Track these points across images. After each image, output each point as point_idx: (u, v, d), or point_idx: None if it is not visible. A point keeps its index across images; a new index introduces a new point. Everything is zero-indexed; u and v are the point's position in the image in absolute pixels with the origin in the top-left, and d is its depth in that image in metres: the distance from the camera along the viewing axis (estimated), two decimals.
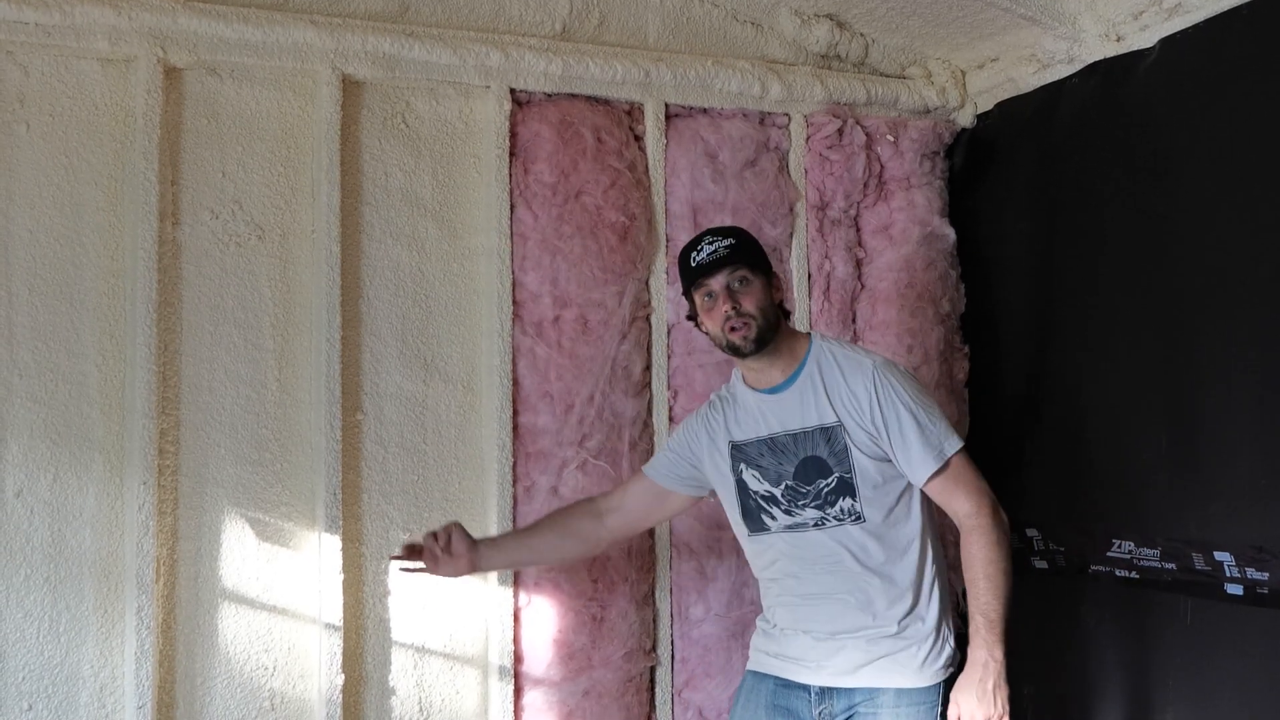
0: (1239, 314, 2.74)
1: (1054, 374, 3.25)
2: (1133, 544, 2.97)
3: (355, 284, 3.00)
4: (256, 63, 2.91)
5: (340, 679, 2.87)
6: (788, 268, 3.39)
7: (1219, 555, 2.74)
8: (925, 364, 3.42)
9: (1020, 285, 3.39)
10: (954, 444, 2.42)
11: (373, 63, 2.99)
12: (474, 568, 2.72)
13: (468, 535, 2.70)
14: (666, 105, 3.29)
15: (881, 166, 3.49)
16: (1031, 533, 3.27)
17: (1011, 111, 3.47)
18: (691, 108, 3.34)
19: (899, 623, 2.44)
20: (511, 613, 3.05)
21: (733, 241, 2.47)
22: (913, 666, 2.44)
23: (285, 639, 2.89)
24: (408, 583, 2.99)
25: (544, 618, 3.06)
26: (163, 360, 2.80)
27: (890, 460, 2.44)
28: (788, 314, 2.61)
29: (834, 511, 2.45)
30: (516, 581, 3.06)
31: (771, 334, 2.46)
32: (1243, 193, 2.74)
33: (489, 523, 3.05)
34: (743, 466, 2.55)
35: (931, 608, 2.47)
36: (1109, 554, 3.02)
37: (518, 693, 3.05)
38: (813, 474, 2.46)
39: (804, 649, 2.50)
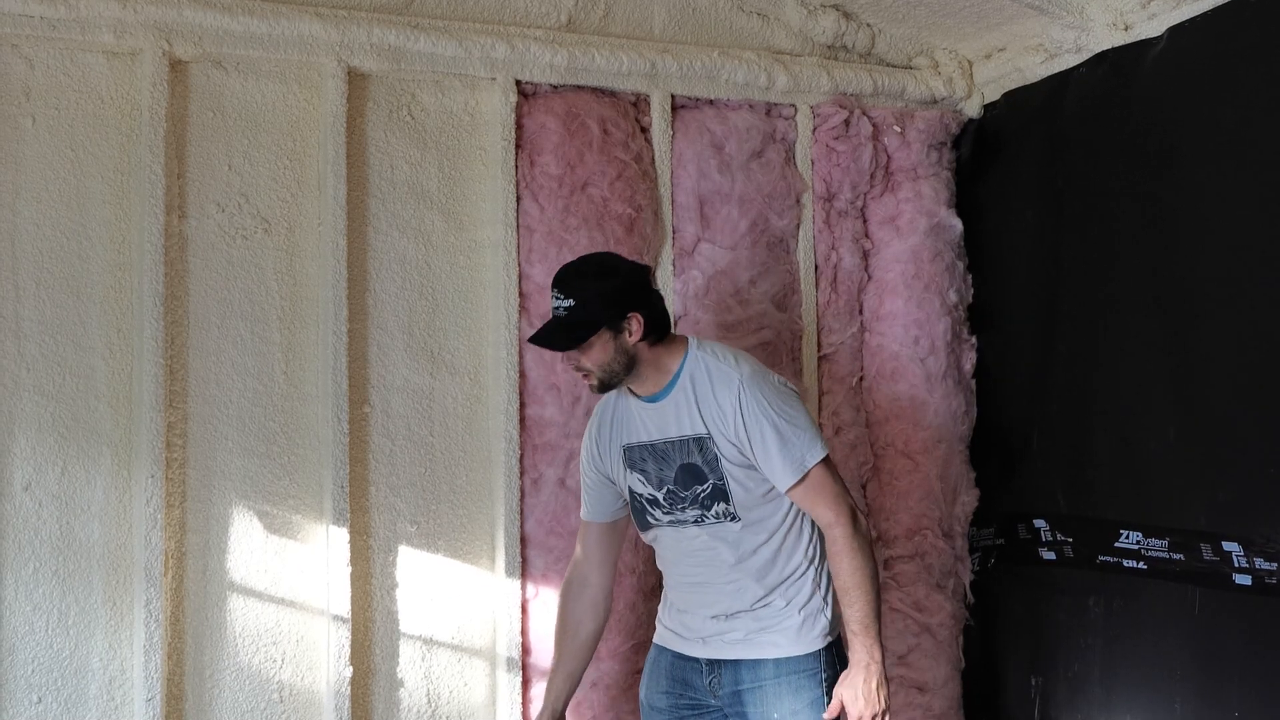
0: (1246, 304, 2.74)
1: (1061, 365, 3.25)
2: (1141, 534, 2.96)
3: (362, 277, 3.00)
4: (262, 55, 2.90)
5: (348, 671, 2.88)
6: (795, 259, 3.39)
7: (1227, 545, 2.73)
8: (932, 355, 3.42)
9: (1027, 276, 3.38)
10: (815, 455, 2.49)
11: (378, 55, 2.99)
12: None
13: None
14: (672, 96, 3.28)
15: (888, 157, 3.48)
16: (1039, 523, 3.27)
17: (1019, 101, 3.46)
18: (698, 99, 3.33)
19: (773, 601, 2.55)
20: (519, 604, 3.05)
21: (569, 307, 2.48)
22: (790, 636, 2.55)
23: (293, 631, 2.90)
24: (415, 575, 3.00)
25: (551, 609, 3.05)
26: (170, 354, 2.80)
27: (756, 469, 2.52)
28: (657, 337, 2.54)
29: (711, 513, 2.57)
30: (524, 573, 3.07)
31: (620, 376, 2.54)
32: (1251, 182, 2.74)
33: (496, 515, 3.06)
34: (628, 470, 2.65)
35: (805, 584, 2.57)
36: (1117, 544, 3.02)
37: (525, 684, 3.06)
38: (690, 480, 2.56)
39: (693, 625, 2.64)
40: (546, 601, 3.07)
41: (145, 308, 2.76)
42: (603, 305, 2.50)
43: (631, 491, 2.66)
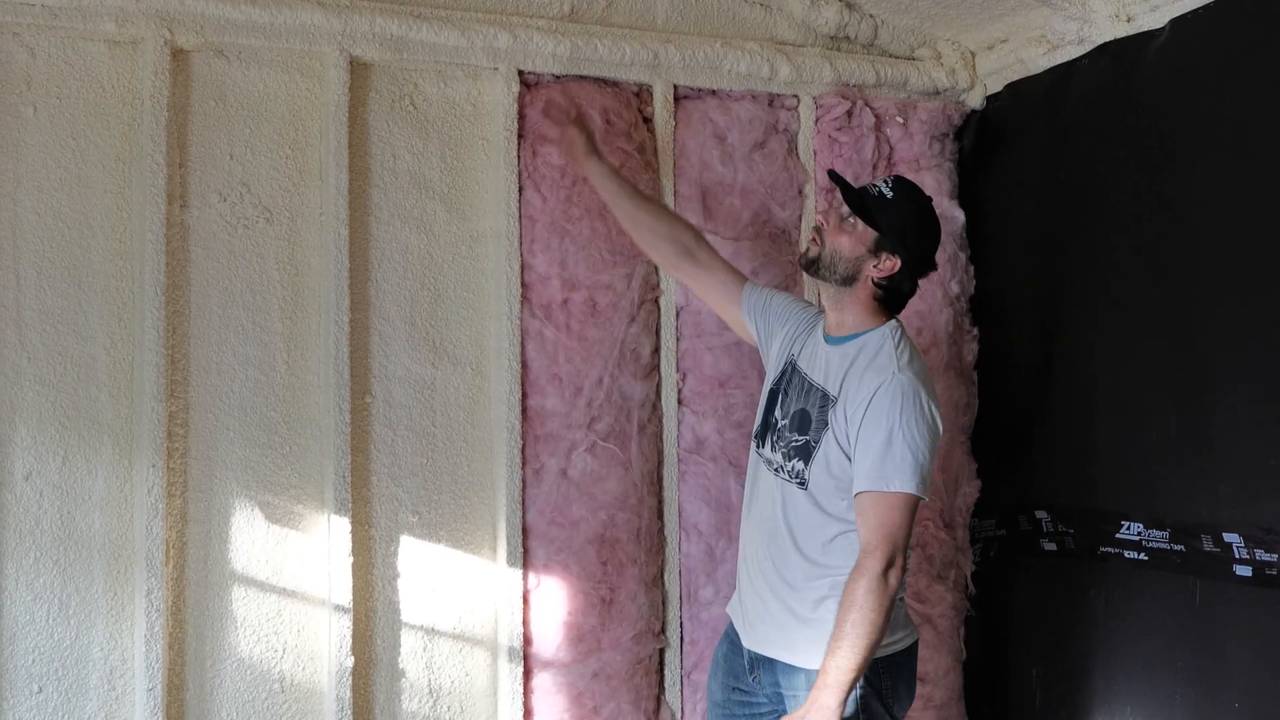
0: (1249, 295, 2.74)
1: (1063, 356, 3.25)
2: (1141, 525, 2.97)
3: (364, 267, 2.99)
4: (264, 45, 2.90)
5: (350, 661, 2.88)
6: (797, 250, 3.39)
7: (1228, 536, 2.74)
8: (934, 346, 3.42)
9: (1030, 267, 3.38)
10: (905, 484, 2.37)
11: (380, 45, 2.98)
12: (587, 159, 2.95)
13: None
14: (675, 87, 3.28)
15: (890, 148, 3.48)
16: (1040, 515, 3.28)
17: (1021, 93, 3.46)
18: (700, 89, 3.32)
19: (818, 600, 2.48)
20: (520, 595, 3.05)
21: (885, 194, 2.56)
22: (822, 645, 2.41)
23: (295, 621, 2.90)
24: (417, 565, 3.00)
25: (553, 600, 3.06)
26: (171, 343, 2.80)
27: (849, 459, 2.45)
28: (882, 299, 2.58)
29: (789, 466, 2.54)
30: (526, 564, 3.07)
31: (830, 273, 2.57)
32: (1254, 174, 2.73)
33: (498, 505, 3.06)
34: (781, 385, 2.65)
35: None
36: (1118, 536, 3.02)
37: (527, 675, 3.06)
38: (798, 425, 2.55)
39: (743, 601, 2.62)
40: (548, 592, 3.07)
41: (147, 297, 2.75)
42: (896, 223, 2.54)
43: (771, 404, 2.66)
